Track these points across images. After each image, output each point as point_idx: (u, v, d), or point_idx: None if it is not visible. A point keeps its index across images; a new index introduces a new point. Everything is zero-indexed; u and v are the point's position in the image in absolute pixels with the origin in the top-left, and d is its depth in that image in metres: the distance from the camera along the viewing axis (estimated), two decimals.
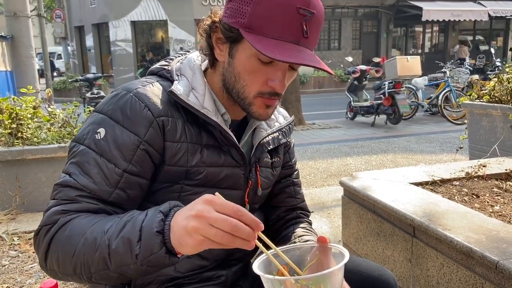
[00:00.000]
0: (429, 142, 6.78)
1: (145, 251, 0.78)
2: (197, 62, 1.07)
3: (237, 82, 0.99)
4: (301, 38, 0.91)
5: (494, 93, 3.81)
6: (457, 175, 2.50)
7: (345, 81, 15.01)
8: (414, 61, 8.55)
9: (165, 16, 18.58)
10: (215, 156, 1.03)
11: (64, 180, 0.92)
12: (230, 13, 0.95)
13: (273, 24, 0.90)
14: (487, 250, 1.49)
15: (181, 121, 0.99)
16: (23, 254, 2.66)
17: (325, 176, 4.88)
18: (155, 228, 0.78)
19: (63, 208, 0.88)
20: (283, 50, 0.88)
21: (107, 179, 0.92)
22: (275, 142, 1.17)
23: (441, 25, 22.63)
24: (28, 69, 5.75)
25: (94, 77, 10.24)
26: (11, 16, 5.55)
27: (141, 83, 1.01)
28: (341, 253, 0.85)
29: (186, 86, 1.01)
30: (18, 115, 3.28)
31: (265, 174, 1.17)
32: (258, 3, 0.90)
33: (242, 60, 0.96)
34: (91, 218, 0.87)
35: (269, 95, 0.98)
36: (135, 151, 0.94)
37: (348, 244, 2.53)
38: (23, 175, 3.20)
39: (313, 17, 0.91)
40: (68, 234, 0.85)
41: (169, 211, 0.80)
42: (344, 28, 21.50)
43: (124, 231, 0.80)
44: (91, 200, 0.90)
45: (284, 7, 0.89)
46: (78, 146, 0.95)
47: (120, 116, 0.95)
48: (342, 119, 9.69)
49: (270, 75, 0.96)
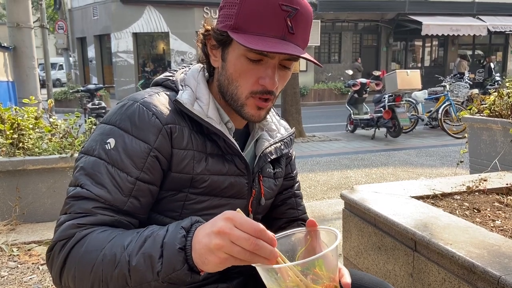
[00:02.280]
0: (429, 155, 6.78)
1: (167, 268, 0.77)
2: (201, 73, 1.10)
3: (230, 84, 1.01)
4: (287, 33, 0.94)
5: (495, 107, 3.83)
6: (458, 189, 2.50)
7: (345, 93, 15.09)
8: (414, 75, 8.60)
9: (167, 28, 18.73)
10: (219, 164, 1.04)
11: (77, 192, 0.90)
12: (221, 20, 0.99)
13: (257, 22, 0.93)
14: (489, 265, 1.49)
15: (188, 129, 1.01)
16: (22, 265, 2.65)
17: (325, 189, 4.87)
18: (178, 244, 0.77)
19: (78, 222, 0.87)
20: (266, 42, 0.91)
21: (121, 188, 0.92)
22: (278, 152, 1.18)
23: (440, 39, 22.79)
24: (30, 80, 5.78)
25: (96, 87, 10.29)
26: (14, 27, 5.59)
27: (147, 93, 1.03)
28: (333, 233, 0.85)
29: (191, 96, 1.03)
30: (19, 125, 3.28)
31: (268, 184, 1.18)
32: (242, 4, 0.93)
33: (233, 61, 0.99)
34: (108, 233, 0.85)
35: (261, 94, 0.99)
36: (146, 158, 0.94)
37: (348, 258, 2.52)
38: (24, 186, 3.20)
39: (297, 13, 0.94)
40: (85, 250, 0.84)
41: (191, 226, 0.80)
42: (344, 42, 21.65)
43: (145, 247, 0.80)
44: (106, 212, 0.90)
45: (267, 4, 0.92)
46: (87, 157, 0.95)
47: (129, 125, 0.95)
48: (342, 132, 9.71)
49: (260, 73, 0.97)
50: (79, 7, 20.82)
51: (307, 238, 0.91)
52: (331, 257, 0.82)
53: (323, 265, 0.81)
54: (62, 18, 19.22)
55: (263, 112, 1.04)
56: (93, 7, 19.69)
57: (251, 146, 1.15)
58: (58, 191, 3.26)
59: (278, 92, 1.04)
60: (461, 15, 20.39)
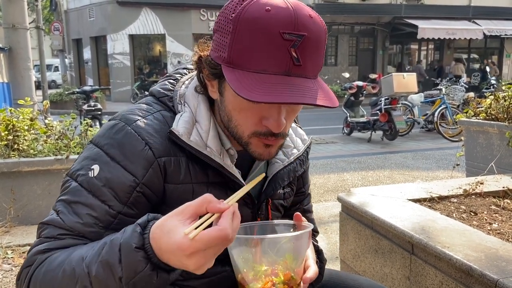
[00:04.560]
0: (425, 158, 6.80)
1: (128, 272, 0.71)
2: None
3: (230, 121, 0.90)
4: (292, 67, 0.79)
5: (491, 110, 3.83)
6: (455, 192, 2.50)
7: (341, 96, 15.09)
8: (410, 78, 8.63)
9: (163, 30, 18.71)
10: (222, 194, 0.91)
11: (51, 219, 0.85)
12: (215, 47, 0.86)
13: (255, 56, 0.78)
14: (487, 268, 1.48)
15: (185, 159, 0.92)
16: (17, 268, 2.62)
17: (322, 192, 4.86)
18: (134, 244, 0.71)
19: (45, 247, 0.82)
20: (267, 87, 0.77)
21: (99, 220, 0.84)
22: (291, 175, 1.06)
23: (436, 43, 22.89)
24: (25, 81, 5.75)
25: (91, 89, 10.23)
26: (10, 28, 5.56)
27: (141, 112, 0.93)
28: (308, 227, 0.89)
29: (189, 122, 0.92)
30: (14, 126, 3.26)
31: (276, 206, 1.09)
32: (235, 33, 0.79)
33: (230, 98, 0.87)
34: (70, 250, 0.80)
35: (266, 136, 0.88)
36: (131, 193, 0.86)
37: (345, 261, 2.51)
38: (18, 188, 3.17)
39: (304, 40, 0.78)
40: (45, 270, 0.78)
41: (147, 222, 0.74)
42: (340, 45, 21.70)
43: (103, 254, 0.73)
44: (77, 237, 0.83)
45: (265, 34, 0.77)
46: (70, 182, 0.88)
47: (118, 153, 0.87)
48: (338, 135, 9.72)
49: (264, 113, 0.86)
50: (75, 9, 20.77)
51: (292, 230, 0.93)
52: (297, 249, 0.85)
53: (291, 253, 0.85)
54: (58, 19, 19.14)
55: (274, 150, 0.92)
56: (89, 9, 19.65)
57: (259, 168, 1.04)
58: (53, 193, 3.24)
59: (288, 129, 0.92)
60: (457, 19, 20.49)
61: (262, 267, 0.83)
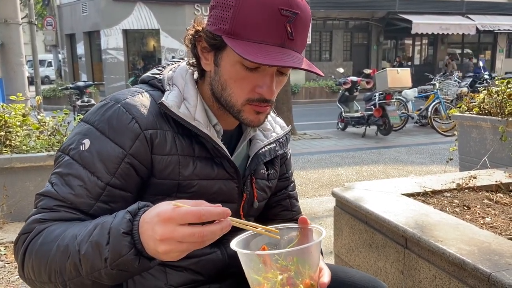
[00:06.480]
0: (419, 153, 6.83)
1: (113, 254, 0.75)
2: (189, 72, 1.05)
3: (224, 90, 0.97)
4: (286, 40, 0.89)
5: (484, 105, 3.85)
6: (448, 186, 2.51)
7: (336, 92, 15.10)
8: (404, 73, 8.65)
9: (157, 25, 18.61)
10: (208, 168, 1.01)
11: (46, 190, 0.91)
12: (213, 21, 0.93)
13: (255, 28, 0.88)
14: (479, 262, 1.49)
15: (171, 133, 0.97)
16: (10, 264, 2.61)
17: (317, 186, 4.88)
18: (122, 229, 0.75)
19: (41, 216, 0.87)
20: (266, 53, 0.86)
21: (89, 192, 0.89)
22: (272, 154, 1.15)
23: (430, 38, 22.95)
24: (18, 77, 5.69)
25: (85, 85, 10.21)
26: (2, 23, 5.50)
27: (130, 93, 0.99)
28: (320, 232, 0.86)
29: (177, 97, 0.99)
30: (6, 122, 3.23)
31: (261, 186, 1.15)
32: (238, 8, 0.88)
33: (227, 68, 0.94)
34: (66, 225, 0.85)
35: (258, 102, 0.96)
36: (119, 164, 0.91)
37: (339, 255, 2.52)
38: (11, 184, 3.15)
39: (297, 17, 0.88)
40: (41, 242, 0.83)
41: (138, 210, 0.78)
42: (335, 40, 21.70)
43: (93, 235, 0.78)
44: (71, 210, 0.89)
45: (265, 9, 0.87)
46: (63, 156, 0.94)
47: (106, 128, 0.93)
48: (333, 130, 9.73)
49: (257, 81, 0.94)
50: (68, 3, 20.61)
51: (296, 234, 0.92)
52: (312, 254, 0.82)
53: (306, 262, 0.82)
54: (51, 14, 19.02)
55: (262, 116, 1.00)
56: (82, 4, 19.50)
57: (242, 147, 1.11)
58: None
59: (275, 97, 1.00)
60: (451, 14, 20.54)
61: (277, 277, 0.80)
